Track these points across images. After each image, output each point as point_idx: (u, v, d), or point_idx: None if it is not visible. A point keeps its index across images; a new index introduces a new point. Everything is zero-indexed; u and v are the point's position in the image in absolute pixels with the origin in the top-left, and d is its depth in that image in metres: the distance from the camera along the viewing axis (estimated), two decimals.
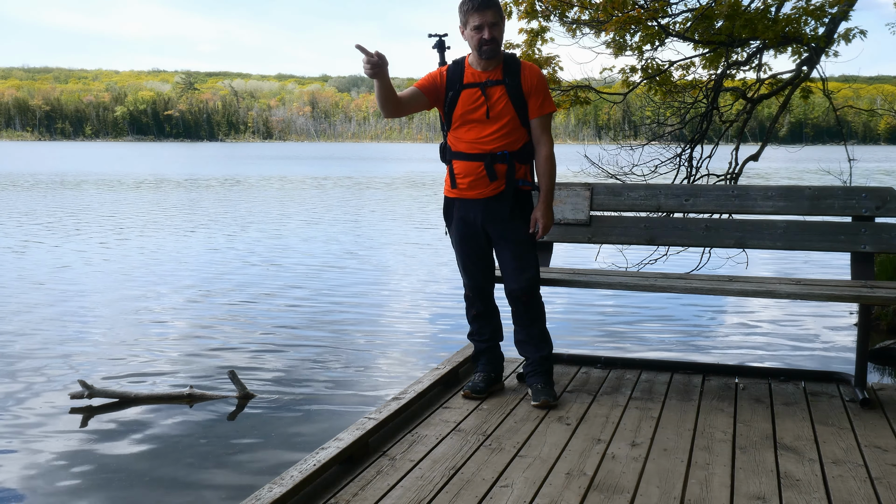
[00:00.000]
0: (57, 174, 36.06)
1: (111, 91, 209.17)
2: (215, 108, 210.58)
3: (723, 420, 3.22)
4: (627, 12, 6.68)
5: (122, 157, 65.03)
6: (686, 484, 2.59)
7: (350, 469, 2.73)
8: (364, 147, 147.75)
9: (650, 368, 4.02)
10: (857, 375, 3.60)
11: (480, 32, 3.30)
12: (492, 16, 3.30)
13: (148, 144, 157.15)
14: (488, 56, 3.34)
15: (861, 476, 2.66)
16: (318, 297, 8.45)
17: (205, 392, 5.11)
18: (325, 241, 13.34)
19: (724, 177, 7.44)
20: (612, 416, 3.28)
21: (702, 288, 3.47)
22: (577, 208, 4.01)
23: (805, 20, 6.69)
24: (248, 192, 26.17)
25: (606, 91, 8.10)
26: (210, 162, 56.19)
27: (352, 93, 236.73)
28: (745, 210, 3.87)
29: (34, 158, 60.07)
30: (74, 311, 7.73)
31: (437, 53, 3.50)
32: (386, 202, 22.11)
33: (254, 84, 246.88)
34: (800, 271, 10.14)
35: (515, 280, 3.47)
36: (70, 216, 17.04)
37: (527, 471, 2.71)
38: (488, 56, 3.34)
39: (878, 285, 3.48)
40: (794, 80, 7.25)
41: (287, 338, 6.72)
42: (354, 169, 46.04)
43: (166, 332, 6.93)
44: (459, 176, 3.45)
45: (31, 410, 4.88)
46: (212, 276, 9.76)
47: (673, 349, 6.35)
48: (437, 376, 3.67)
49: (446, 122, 3.50)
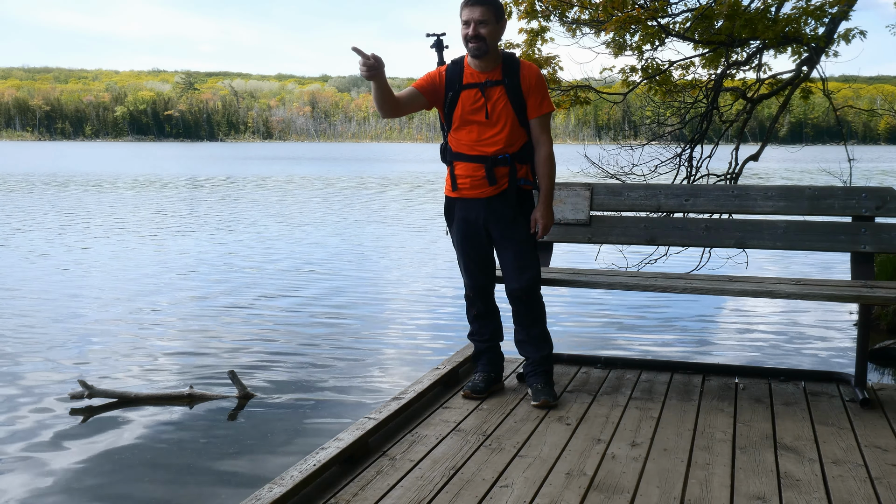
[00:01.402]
0: (57, 174, 36.05)
1: (111, 91, 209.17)
2: (215, 108, 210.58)
3: (723, 420, 3.22)
4: (627, 12, 6.68)
5: (122, 158, 65.03)
6: (686, 484, 2.59)
7: (350, 469, 2.72)
8: (364, 147, 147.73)
9: (650, 368, 4.02)
10: (857, 375, 3.60)
11: (467, 28, 3.30)
12: (480, 13, 3.27)
13: (148, 144, 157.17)
14: (473, 54, 3.33)
15: (861, 476, 2.66)
16: (318, 297, 8.45)
17: (205, 392, 5.11)
18: (325, 241, 13.33)
19: (724, 177, 7.44)
20: (612, 416, 3.28)
21: (702, 288, 3.47)
22: (577, 208, 4.01)
23: (805, 20, 6.69)
24: (249, 192, 26.16)
25: (606, 91, 8.10)
26: (210, 163, 56.18)
27: (352, 93, 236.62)
28: (745, 210, 3.87)
29: (34, 158, 60.07)
30: (74, 310, 7.73)
31: (436, 53, 3.50)
32: (386, 202, 22.10)
33: (254, 84, 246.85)
34: (800, 271, 10.14)
35: (516, 280, 3.47)
36: (70, 216, 17.04)
37: (527, 471, 2.71)
38: (473, 54, 3.33)
39: (878, 285, 3.48)
40: (794, 80, 7.25)
41: (287, 338, 6.72)
42: (355, 169, 46.04)
43: (166, 332, 6.93)
44: (460, 177, 3.45)
45: (31, 410, 4.87)
46: (212, 276, 9.76)
47: (673, 349, 6.35)
48: (437, 376, 3.67)
49: (446, 123, 3.49)
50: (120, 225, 15.46)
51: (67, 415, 4.82)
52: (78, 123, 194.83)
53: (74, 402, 4.98)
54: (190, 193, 25.08)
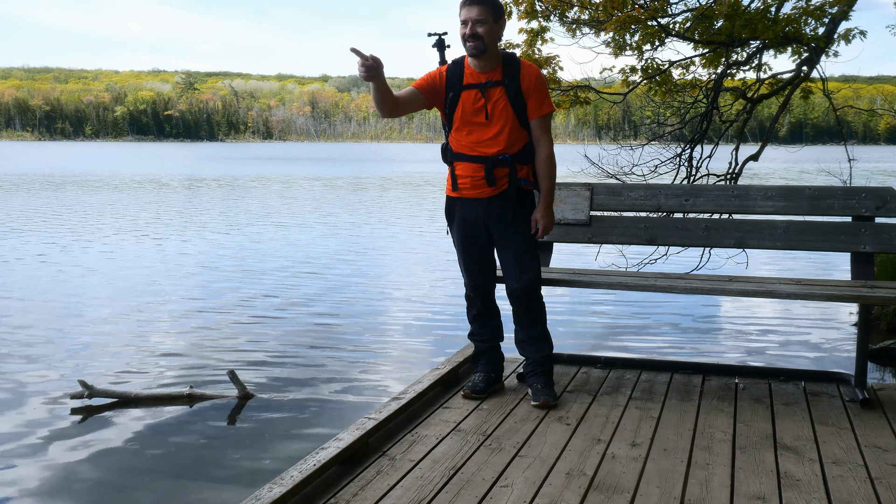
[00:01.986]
0: (57, 174, 36.04)
1: (111, 91, 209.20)
2: (215, 108, 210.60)
3: (723, 420, 3.22)
4: (627, 12, 6.68)
5: (122, 158, 65.02)
6: (686, 484, 2.59)
7: (350, 469, 2.72)
8: (364, 147, 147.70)
9: (650, 368, 4.02)
10: (857, 375, 3.60)
11: (465, 28, 3.31)
12: (477, 12, 3.29)
13: (148, 144, 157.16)
14: (471, 53, 3.34)
15: (861, 476, 2.66)
16: (318, 297, 8.45)
17: (205, 392, 5.12)
18: (325, 241, 13.33)
19: (724, 177, 7.44)
20: (612, 416, 3.28)
21: (702, 288, 3.47)
22: (577, 208, 4.01)
23: (805, 20, 6.69)
24: (249, 192, 26.16)
25: (606, 91, 8.10)
26: (210, 164, 56.17)
27: (352, 93, 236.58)
28: (745, 210, 3.87)
29: (34, 158, 60.05)
30: (74, 310, 7.73)
31: (437, 52, 3.50)
32: (386, 202, 22.10)
33: (254, 84, 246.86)
34: (800, 271, 10.14)
35: (517, 280, 3.47)
36: (70, 216, 17.04)
37: (527, 471, 2.70)
38: (471, 53, 3.34)
39: (878, 285, 3.48)
40: (794, 80, 7.25)
41: (287, 338, 6.72)
42: (354, 170, 46.02)
43: (166, 332, 6.93)
44: (461, 177, 3.45)
45: (31, 410, 4.88)
46: (212, 276, 9.76)
47: (673, 349, 6.35)
48: (437, 376, 3.67)
49: (447, 123, 3.50)
50: (120, 225, 15.46)
51: (67, 415, 4.83)
52: (78, 123, 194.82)
53: (74, 402, 4.98)
54: (190, 193, 25.08)
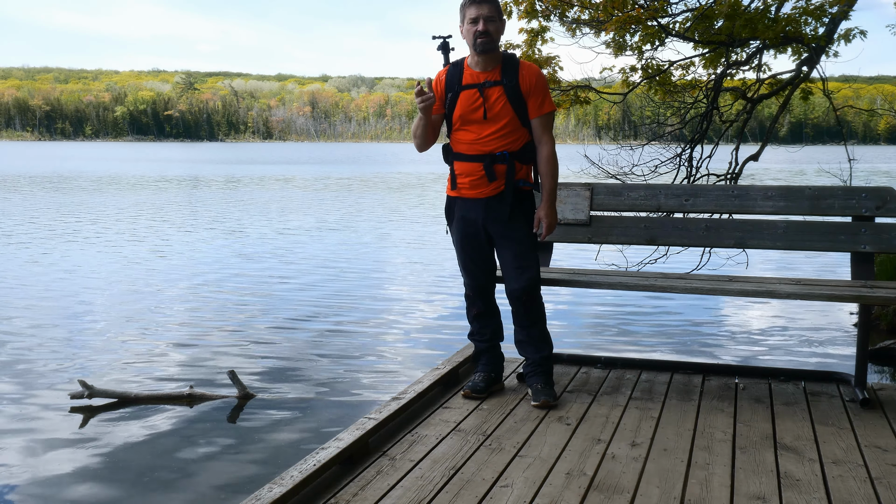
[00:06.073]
0: (57, 175, 36.05)
1: (111, 91, 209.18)
2: (215, 108, 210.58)
3: (723, 420, 3.22)
4: (627, 12, 6.68)
5: (122, 158, 65.02)
6: (686, 484, 2.59)
7: (350, 469, 2.72)
8: (364, 147, 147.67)
9: (650, 368, 4.02)
10: (857, 375, 3.60)
11: (476, 25, 3.32)
12: (488, 9, 3.32)
13: (148, 144, 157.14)
14: (482, 49, 3.34)
15: (861, 476, 2.66)
16: (318, 298, 8.45)
17: (205, 392, 5.11)
18: (325, 241, 13.33)
19: (724, 177, 7.44)
20: (612, 416, 3.28)
21: (702, 288, 3.47)
22: (577, 208, 4.01)
23: (805, 20, 6.69)
24: (249, 192, 26.16)
25: (606, 91, 8.10)
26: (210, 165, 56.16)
27: (352, 93, 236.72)
28: (745, 210, 3.87)
29: (34, 159, 60.05)
30: (75, 310, 7.73)
31: (442, 55, 3.50)
32: (386, 202, 22.10)
33: (254, 84, 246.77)
34: (800, 271, 10.14)
35: (516, 280, 3.47)
36: (70, 216, 17.04)
37: (527, 471, 2.71)
38: (482, 49, 3.34)
39: (878, 285, 3.48)
40: (794, 80, 7.25)
41: (287, 338, 6.72)
42: (355, 170, 46.02)
43: (166, 332, 6.93)
44: (460, 177, 3.46)
45: (31, 410, 4.88)
46: (212, 276, 9.76)
47: (673, 349, 6.35)
48: (437, 376, 3.67)
49: (447, 124, 3.51)
50: (120, 225, 15.45)
51: (67, 415, 4.82)
52: (78, 123, 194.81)
53: (74, 401, 4.98)
54: (190, 193, 25.07)
